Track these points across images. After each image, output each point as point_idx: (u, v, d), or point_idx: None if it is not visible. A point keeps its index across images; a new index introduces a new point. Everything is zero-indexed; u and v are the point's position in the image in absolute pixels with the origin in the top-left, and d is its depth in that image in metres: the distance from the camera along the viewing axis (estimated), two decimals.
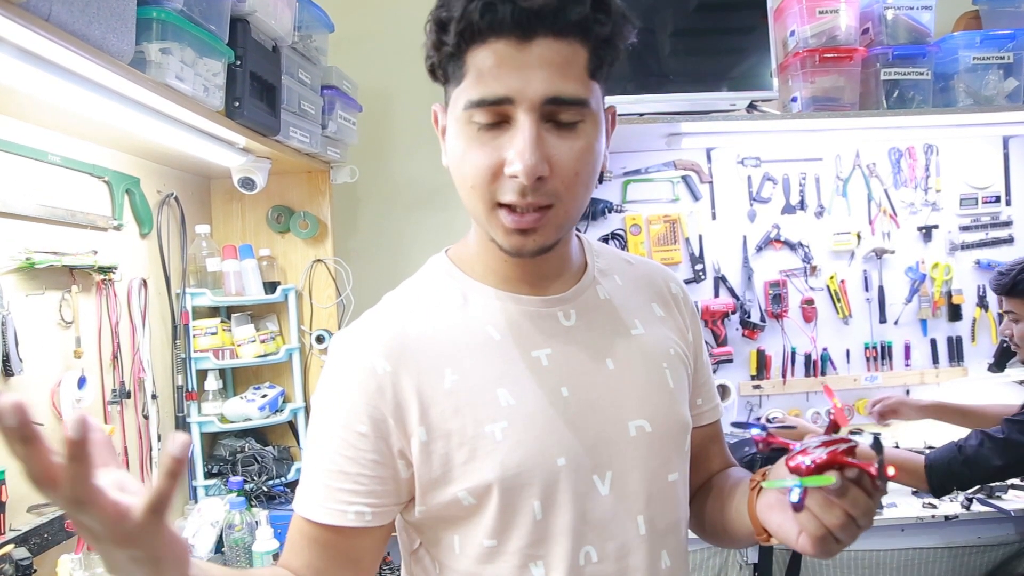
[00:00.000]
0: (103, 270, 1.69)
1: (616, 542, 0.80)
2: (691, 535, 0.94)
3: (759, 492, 0.81)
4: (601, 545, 0.79)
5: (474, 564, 0.79)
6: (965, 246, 2.58)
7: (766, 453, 0.72)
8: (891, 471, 0.66)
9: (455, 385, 0.78)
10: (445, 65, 0.74)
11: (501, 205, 0.73)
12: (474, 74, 0.71)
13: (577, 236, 0.92)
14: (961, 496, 2.01)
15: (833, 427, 0.72)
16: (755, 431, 0.75)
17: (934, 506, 1.99)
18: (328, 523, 0.77)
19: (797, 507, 0.65)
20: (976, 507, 1.98)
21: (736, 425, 0.92)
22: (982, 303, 2.58)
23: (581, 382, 0.81)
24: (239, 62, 1.65)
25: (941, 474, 1.72)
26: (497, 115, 0.71)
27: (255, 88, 1.74)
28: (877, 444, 0.67)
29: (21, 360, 1.42)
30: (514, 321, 0.82)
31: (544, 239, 0.75)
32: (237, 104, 1.66)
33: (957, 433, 1.84)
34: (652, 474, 0.83)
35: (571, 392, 0.80)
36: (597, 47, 0.72)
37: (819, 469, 0.65)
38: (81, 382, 1.59)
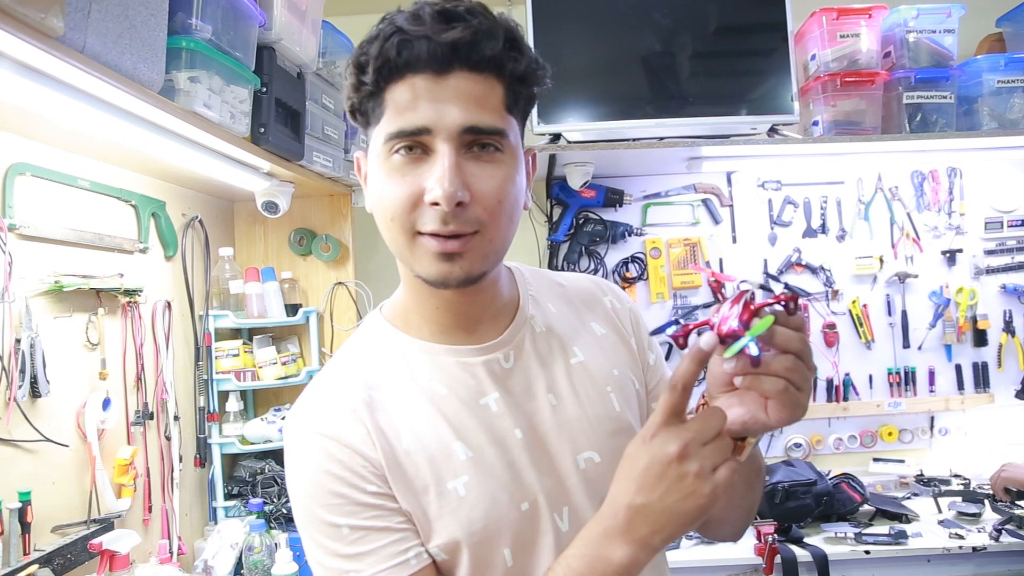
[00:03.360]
0: (129, 293, 1.72)
1: None
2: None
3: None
4: None
5: None
6: (990, 270, 2.54)
7: (686, 346, 0.73)
8: (801, 300, 0.66)
9: (411, 446, 0.78)
10: (365, 106, 0.76)
11: (422, 234, 0.74)
12: (393, 109, 0.73)
13: (507, 267, 0.92)
14: (989, 526, 1.96)
15: (718, 288, 0.73)
16: (670, 329, 0.74)
17: (961, 537, 1.95)
18: None
19: (756, 361, 0.66)
20: (1005, 538, 1.93)
21: (653, 333, 0.89)
22: (1008, 328, 2.54)
23: (531, 422, 0.82)
24: (265, 89, 1.69)
25: None
26: (416, 145, 0.73)
27: (280, 114, 1.77)
28: (762, 286, 0.67)
29: (48, 382, 1.44)
30: (456, 374, 0.82)
31: (470, 266, 0.75)
32: (262, 130, 1.69)
33: None
34: None
35: (524, 433, 0.81)
36: (512, 83, 0.75)
37: (746, 322, 0.67)
38: (106, 403, 1.61)
